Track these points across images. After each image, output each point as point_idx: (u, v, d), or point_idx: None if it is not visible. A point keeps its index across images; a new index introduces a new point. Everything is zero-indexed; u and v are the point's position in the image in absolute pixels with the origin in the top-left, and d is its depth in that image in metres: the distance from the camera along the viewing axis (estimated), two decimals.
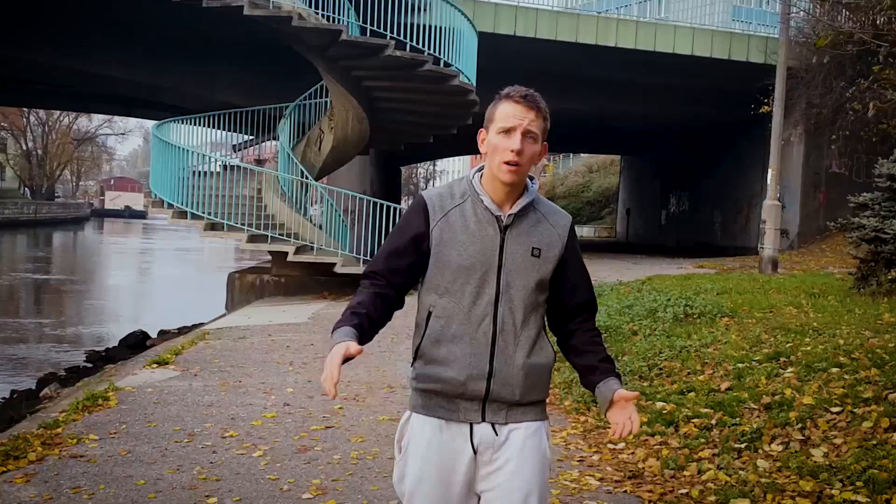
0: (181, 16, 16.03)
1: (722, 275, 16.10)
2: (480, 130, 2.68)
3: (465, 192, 2.67)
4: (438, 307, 2.60)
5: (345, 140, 17.30)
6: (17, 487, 4.83)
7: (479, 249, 2.58)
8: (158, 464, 5.35)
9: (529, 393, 2.61)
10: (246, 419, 6.54)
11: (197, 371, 8.45)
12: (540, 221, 2.67)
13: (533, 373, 2.61)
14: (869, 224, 11.32)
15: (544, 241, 2.65)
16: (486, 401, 2.57)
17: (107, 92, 28.78)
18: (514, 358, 2.58)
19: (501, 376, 2.56)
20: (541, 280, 2.64)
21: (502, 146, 2.56)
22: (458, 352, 2.56)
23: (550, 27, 21.59)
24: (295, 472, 5.24)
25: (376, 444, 5.92)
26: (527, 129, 2.57)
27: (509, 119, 2.57)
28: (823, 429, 5.76)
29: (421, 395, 2.63)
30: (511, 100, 2.60)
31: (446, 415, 2.58)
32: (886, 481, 4.67)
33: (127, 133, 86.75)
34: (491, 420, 2.58)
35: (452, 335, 2.57)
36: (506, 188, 2.61)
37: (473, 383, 2.55)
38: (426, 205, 2.64)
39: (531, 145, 2.59)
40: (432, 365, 2.59)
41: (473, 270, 2.58)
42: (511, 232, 2.62)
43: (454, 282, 2.58)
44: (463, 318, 2.57)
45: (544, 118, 2.63)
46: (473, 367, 2.55)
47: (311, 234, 16.25)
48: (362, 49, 15.25)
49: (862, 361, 6.89)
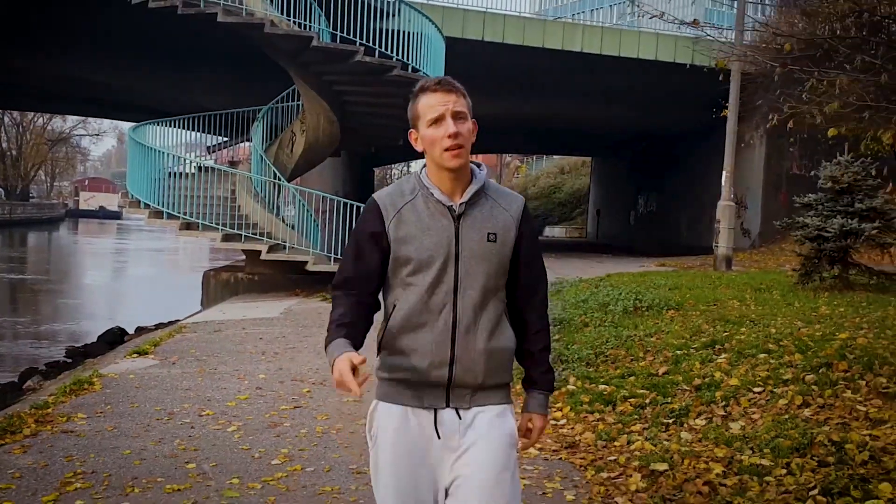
0: (158, 21, 16.49)
1: (678, 272, 16.78)
2: (410, 131, 2.73)
3: (414, 187, 2.71)
4: (401, 300, 2.65)
5: (316, 142, 17.84)
6: (15, 457, 5.38)
7: (436, 241, 2.63)
8: (142, 437, 5.92)
9: (492, 376, 2.67)
10: (221, 401, 7.11)
11: (175, 360, 9.00)
12: (493, 207, 2.71)
13: (494, 357, 2.66)
14: (812, 223, 12.03)
15: (499, 225, 2.69)
16: (449, 387, 2.64)
17: (83, 94, 29.10)
18: (475, 343, 2.63)
19: (463, 362, 2.62)
20: (499, 264, 2.69)
21: (438, 135, 2.61)
22: (421, 340, 2.61)
23: (517, 33, 22.21)
24: (265, 443, 5.84)
25: (340, 420, 6.51)
26: (454, 111, 2.61)
27: (434, 108, 2.62)
28: (744, 406, 6.41)
29: (386, 383, 2.68)
30: (428, 91, 2.65)
31: (412, 402, 2.64)
32: (790, 448, 5.31)
33: (101, 134, 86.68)
34: (455, 405, 2.65)
35: (414, 325, 2.62)
36: (453, 176, 2.66)
37: (436, 370, 2.61)
38: (378, 205, 2.69)
39: (463, 124, 2.63)
40: (396, 355, 2.65)
41: (432, 262, 2.62)
42: (465, 220, 2.66)
43: (414, 275, 2.63)
44: (423, 308, 2.62)
45: (464, 96, 2.67)
46: (436, 354, 2.61)
47: (283, 234, 16.79)
48: (332, 55, 15.80)
49: (788, 348, 7.56)
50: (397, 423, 2.63)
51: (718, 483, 4.98)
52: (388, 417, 2.65)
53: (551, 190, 57.37)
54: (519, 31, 22.26)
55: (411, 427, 2.63)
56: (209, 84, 24.47)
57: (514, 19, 22.48)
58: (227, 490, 4.84)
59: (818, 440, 5.33)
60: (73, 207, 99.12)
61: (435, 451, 2.63)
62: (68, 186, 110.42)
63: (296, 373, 8.42)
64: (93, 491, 4.78)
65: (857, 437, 5.31)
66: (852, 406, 5.90)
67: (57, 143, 79.83)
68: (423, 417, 2.64)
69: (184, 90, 25.16)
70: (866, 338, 7.50)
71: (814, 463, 5.06)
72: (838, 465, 4.96)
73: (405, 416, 2.63)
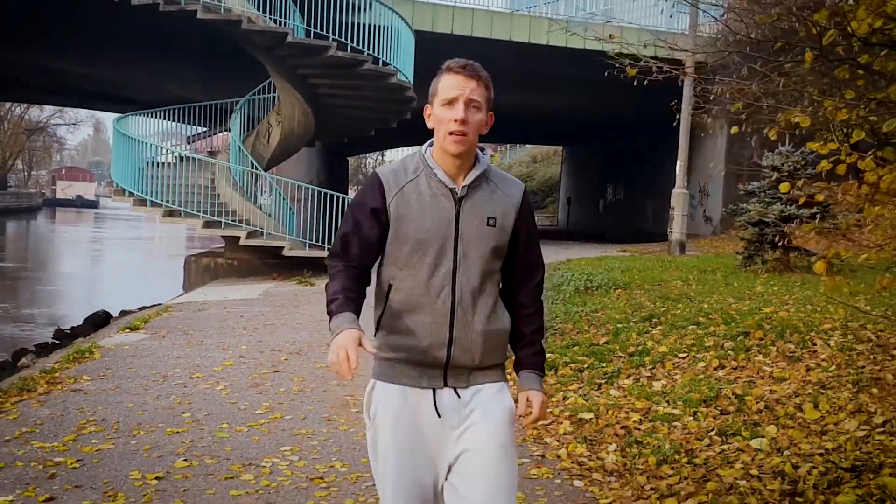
0: (138, 14, 17.14)
1: (634, 256, 17.74)
2: (426, 106, 2.73)
3: (417, 166, 2.71)
4: (398, 280, 2.67)
5: (291, 133, 18.62)
6: (34, 409, 6.23)
7: (436, 223, 2.64)
8: (141, 394, 6.78)
9: (488, 357, 2.71)
10: (208, 367, 7.97)
11: (164, 334, 9.84)
12: (494, 191, 2.73)
13: (491, 338, 2.70)
14: (754, 209, 13.01)
15: (499, 210, 2.71)
16: (447, 367, 2.66)
17: (63, 85, 29.60)
18: (472, 325, 2.66)
19: (461, 343, 2.65)
20: (497, 248, 2.71)
21: (447, 117, 2.61)
22: (420, 322, 2.63)
23: (486, 26, 23.05)
24: (249, 398, 6.72)
25: (314, 382, 7.40)
26: (469, 98, 2.62)
27: (451, 90, 2.62)
28: (668, 368, 7.35)
29: (384, 363, 2.70)
30: (451, 71, 2.65)
31: (410, 381, 2.67)
32: (699, 400, 6.24)
33: (78, 123, 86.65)
34: (453, 385, 2.68)
35: (413, 306, 2.64)
36: (456, 160, 2.67)
37: (435, 350, 2.63)
38: (381, 181, 2.69)
39: (475, 114, 2.64)
40: (395, 335, 2.67)
41: (430, 243, 2.64)
42: (466, 203, 2.67)
43: (412, 255, 2.65)
44: (422, 290, 2.64)
45: (486, 86, 2.67)
46: (434, 335, 2.63)
47: (261, 221, 17.59)
48: (306, 50, 16.59)
49: (715, 320, 8.51)
50: (396, 402, 2.66)
51: (634, 427, 5.92)
52: (386, 397, 2.68)
53: (524, 178, 58.19)
54: (487, 25, 23.10)
55: (410, 405, 2.66)
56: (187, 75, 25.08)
57: (482, 13, 23.30)
58: (218, 432, 5.72)
59: (724, 394, 6.29)
60: (51, 196, 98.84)
61: (434, 429, 2.66)
62: (45, 175, 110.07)
63: (274, 345, 9.28)
64: (105, 433, 5.65)
65: (758, 391, 6.26)
66: (760, 367, 6.85)
67: (34, 133, 79.81)
68: (421, 396, 2.67)
69: (162, 81, 25.73)
70: (787, 311, 8.45)
71: (716, 412, 6.01)
72: (737, 413, 5.90)
73: (404, 394, 2.66)
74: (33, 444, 5.35)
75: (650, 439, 5.58)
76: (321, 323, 10.82)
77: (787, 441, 5.23)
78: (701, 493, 4.58)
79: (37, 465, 4.95)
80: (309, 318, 11.26)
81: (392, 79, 17.85)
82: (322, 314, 10.52)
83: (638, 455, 5.30)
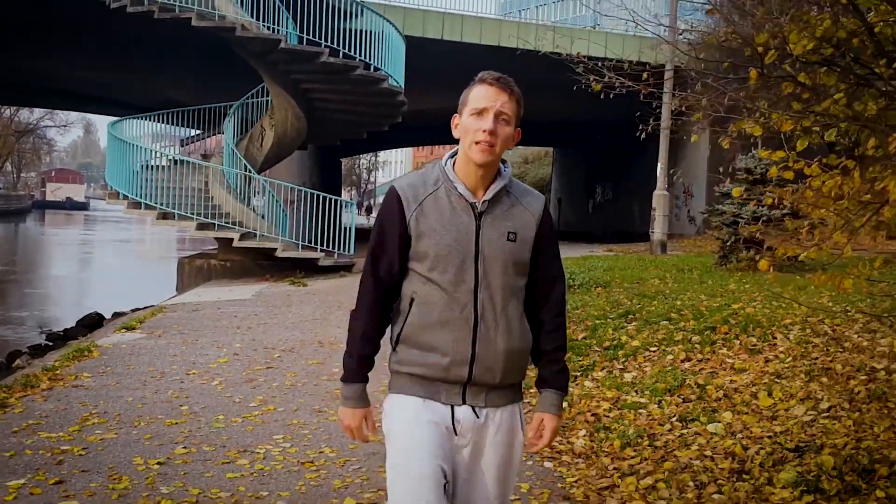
0: (133, 20, 17.52)
1: (618, 256, 18.21)
2: (454, 116, 2.71)
3: (437, 179, 2.70)
4: (420, 294, 2.66)
5: (284, 136, 19.04)
6: (39, 403, 6.63)
7: (456, 237, 2.62)
8: (140, 389, 7.18)
9: (508, 376, 2.68)
10: (204, 363, 8.37)
11: (160, 333, 10.24)
12: (514, 205, 2.71)
13: (513, 357, 2.67)
14: (729, 210, 13.46)
15: (519, 224, 2.70)
16: (467, 384, 2.65)
17: (58, 88, 29.98)
18: (495, 343, 2.63)
19: (483, 361, 2.63)
20: (518, 263, 2.70)
21: (474, 127, 2.61)
22: (442, 338, 2.62)
23: (475, 32, 23.52)
24: (244, 392, 7.13)
25: (305, 377, 7.80)
26: (499, 111, 2.62)
27: (481, 101, 2.62)
28: (640, 361, 7.77)
29: (403, 377, 2.70)
30: (484, 83, 2.65)
31: (428, 395, 2.66)
32: (664, 390, 6.67)
33: (69, 125, 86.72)
34: (471, 403, 2.66)
35: (435, 322, 2.62)
36: (479, 171, 2.65)
37: (456, 368, 2.62)
38: (399, 196, 2.68)
39: (504, 127, 2.63)
40: (415, 350, 2.65)
41: (451, 258, 2.62)
42: (486, 218, 2.66)
43: (433, 270, 2.63)
44: (444, 305, 2.62)
45: (517, 102, 2.67)
46: (457, 352, 2.61)
47: (254, 223, 17.99)
48: (299, 56, 17.02)
49: (686, 316, 8.94)
50: (414, 412, 2.65)
51: (603, 414, 6.34)
52: (404, 408, 2.67)
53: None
54: (476, 30, 23.56)
55: (429, 416, 2.64)
56: (181, 78, 25.48)
57: (471, 19, 23.77)
58: (215, 423, 6.13)
59: (687, 384, 6.71)
60: (40, 198, 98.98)
61: (449, 443, 2.66)
62: (35, 177, 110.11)
63: (267, 343, 9.68)
64: (107, 425, 6.04)
65: (719, 381, 6.69)
66: (723, 359, 7.27)
67: (24, 135, 79.88)
68: (440, 410, 2.66)
69: (156, 84, 26.15)
70: (753, 307, 8.89)
71: (679, 400, 6.44)
72: (697, 401, 6.33)
73: (422, 406, 2.65)
74: (40, 435, 5.75)
75: (617, 425, 6.01)
76: (313, 322, 11.23)
77: (741, 426, 5.66)
78: (658, 472, 5.01)
79: (45, 452, 5.35)
80: (301, 318, 11.66)
81: (383, 84, 18.28)
82: (314, 313, 10.96)
83: (605, 439, 5.73)
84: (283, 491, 4.73)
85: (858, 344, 6.96)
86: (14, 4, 20.90)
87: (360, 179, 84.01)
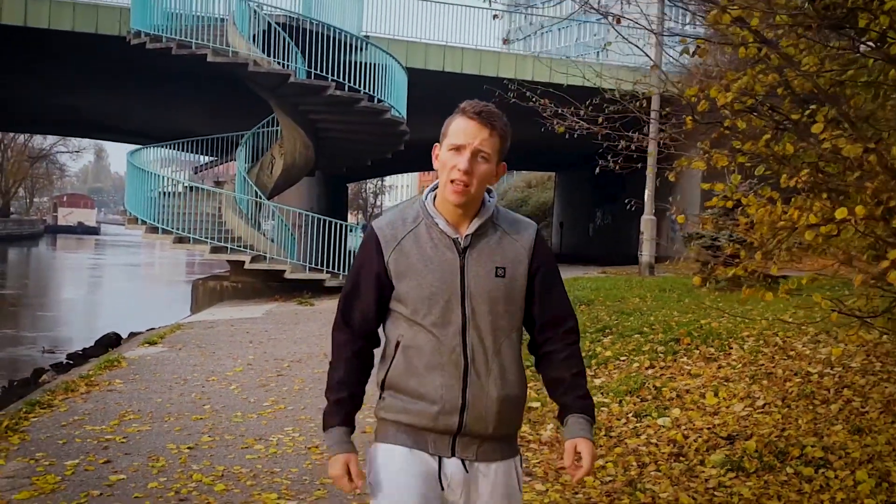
0: (151, 54, 18.55)
1: (608, 277, 19.16)
2: (435, 145, 2.56)
3: (417, 215, 2.55)
4: (406, 338, 2.50)
5: (293, 164, 20.07)
6: (80, 404, 7.59)
7: (439, 276, 2.47)
8: (167, 392, 8.15)
9: (502, 426, 2.52)
10: (221, 372, 9.33)
11: (180, 347, 11.20)
12: (502, 238, 2.54)
13: (507, 404, 2.51)
14: (707, 234, 14.41)
15: (508, 258, 2.52)
16: (457, 435, 2.49)
17: (76, 119, 31.13)
18: (487, 389, 2.47)
19: (475, 410, 2.47)
20: (509, 300, 2.53)
21: (451, 164, 2.45)
22: (430, 384, 2.46)
23: (474, 63, 24.57)
24: (258, 394, 8.09)
25: (312, 383, 8.76)
26: (477, 149, 2.45)
27: (460, 136, 2.46)
28: (610, 369, 8.70)
29: (389, 425, 2.54)
30: (465, 115, 2.48)
31: (415, 445, 2.51)
32: (625, 391, 7.60)
33: (81, 150, 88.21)
34: (461, 455, 2.51)
35: (423, 367, 2.47)
36: (457, 209, 2.50)
37: (445, 417, 2.46)
38: (377, 237, 2.54)
39: (482, 164, 2.46)
40: (402, 397, 2.50)
41: (436, 299, 2.46)
42: (471, 254, 2.50)
43: (416, 312, 2.48)
44: (432, 349, 2.46)
45: (501, 136, 2.49)
46: (446, 400, 2.45)
47: (264, 246, 19.00)
48: (307, 89, 18.08)
49: (657, 329, 9.88)
50: (400, 463, 2.49)
51: None
52: (389, 459, 2.51)
53: (518, 203, 59.68)
54: (476, 62, 24.62)
55: (416, 468, 2.48)
56: (195, 108, 26.61)
57: (470, 52, 24.82)
58: (234, 418, 7.09)
59: (646, 386, 7.64)
60: (52, 223, 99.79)
61: (438, 499, 2.50)
62: (47, 202, 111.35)
63: (277, 355, 10.62)
64: (142, 420, 7.01)
65: (674, 384, 7.62)
66: (682, 366, 8.21)
67: (37, 160, 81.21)
68: (427, 462, 2.50)
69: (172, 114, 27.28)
70: (718, 322, 9.81)
71: (637, 399, 7.37)
72: (653, 400, 7.26)
73: (409, 456, 2.50)
74: (86, 428, 6.71)
75: None
76: (319, 337, 12.17)
77: (686, 419, 6.59)
78: (609, 455, 5.93)
79: (91, 441, 6.30)
80: (308, 334, 12.61)
81: (386, 115, 19.34)
82: (320, 330, 11.95)
83: None
84: (293, 468, 5.69)
85: (802, 352, 7.90)
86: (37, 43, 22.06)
87: (367, 203, 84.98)
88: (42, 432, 6.54)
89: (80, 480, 5.35)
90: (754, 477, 5.35)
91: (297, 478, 5.50)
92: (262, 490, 5.21)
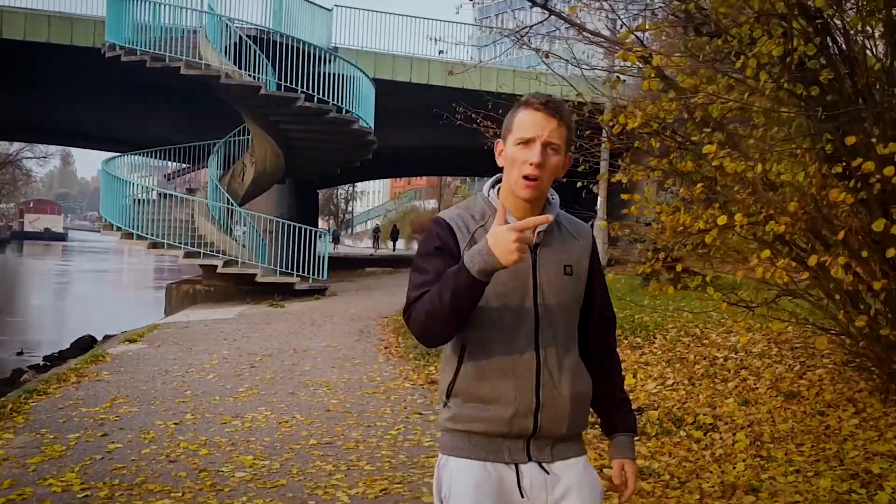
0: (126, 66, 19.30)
1: None
2: (497, 142, 2.47)
3: (483, 211, 2.46)
4: (473, 340, 2.38)
5: (264, 172, 20.97)
6: (73, 391, 8.50)
7: (512, 274, 2.32)
8: (151, 382, 9.07)
9: (575, 425, 2.46)
10: (199, 364, 10.25)
11: (159, 344, 12.09)
12: (566, 236, 2.48)
13: (579, 403, 2.45)
14: (650, 237, 15.50)
15: (574, 256, 2.46)
16: (531, 438, 2.40)
17: (48, 127, 31.70)
18: (560, 388, 2.39)
19: (550, 410, 2.38)
20: (577, 299, 2.47)
21: (521, 158, 2.35)
22: (502, 388, 2.35)
23: (441, 75, 25.50)
24: (234, 382, 9.04)
25: (282, 373, 9.70)
26: (547, 140, 2.34)
27: (528, 129, 2.35)
28: None
29: (459, 435, 2.42)
30: (530, 107, 2.38)
31: (489, 456, 2.39)
32: None
33: (48, 156, 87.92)
34: (537, 458, 2.42)
35: (493, 370, 2.36)
36: (527, 205, 2.39)
37: (520, 420, 2.36)
38: (450, 224, 2.42)
39: (552, 157, 2.36)
40: (472, 403, 2.39)
41: (508, 297, 2.37)
42: (542, 251, 2.42)
43: (488, 311, 2.35)
44: (502, 350, 2.36)
45: (568, 127, 2.39)
46: (520, 402, 2.35)
47: (236, 251, 19.88)
48: (277, 101, 19.01)
49: None
50: (476, 479, 2.37)
51: None
52: (464, 475, 2.39)
53: None
54: (443, 75, 25.58)
55: (493, 483, 2.38)
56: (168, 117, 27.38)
57: (437, 63, 25.78)
58: (213, 400, 8.04)
59: None
60: (18, 229, 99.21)
61: None
62: (13, 208, 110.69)
63: (250, 350, 11.54)
64: (130, 403, 7.93)
65: None
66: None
67: (3, 166, 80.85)
68: (503, 472, 2.40)
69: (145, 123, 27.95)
70: (650, 316, 10.86)
71: None
72: None
73: (484, 470, 2.38)
74: (81, 409, 7.62)
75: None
76: (289, 335, 13.11)
77: None
78: None
79: (88, 419, 7.22)
80: (279, 332, 13.51)
81: (354, 125, 20.32)
82: (290, 329, 13.03)
83: None
84: (266, 438, 6.65)
85: (714, 341, 8.96)
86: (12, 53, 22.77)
87: (339, 209, 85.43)
88: (43, 414, 7.45)
89: (83, 449, 6.28)
90: (654, 440, 6.37)
91: (269, 445, 6.45)
92: (240, 454, 6.17)
